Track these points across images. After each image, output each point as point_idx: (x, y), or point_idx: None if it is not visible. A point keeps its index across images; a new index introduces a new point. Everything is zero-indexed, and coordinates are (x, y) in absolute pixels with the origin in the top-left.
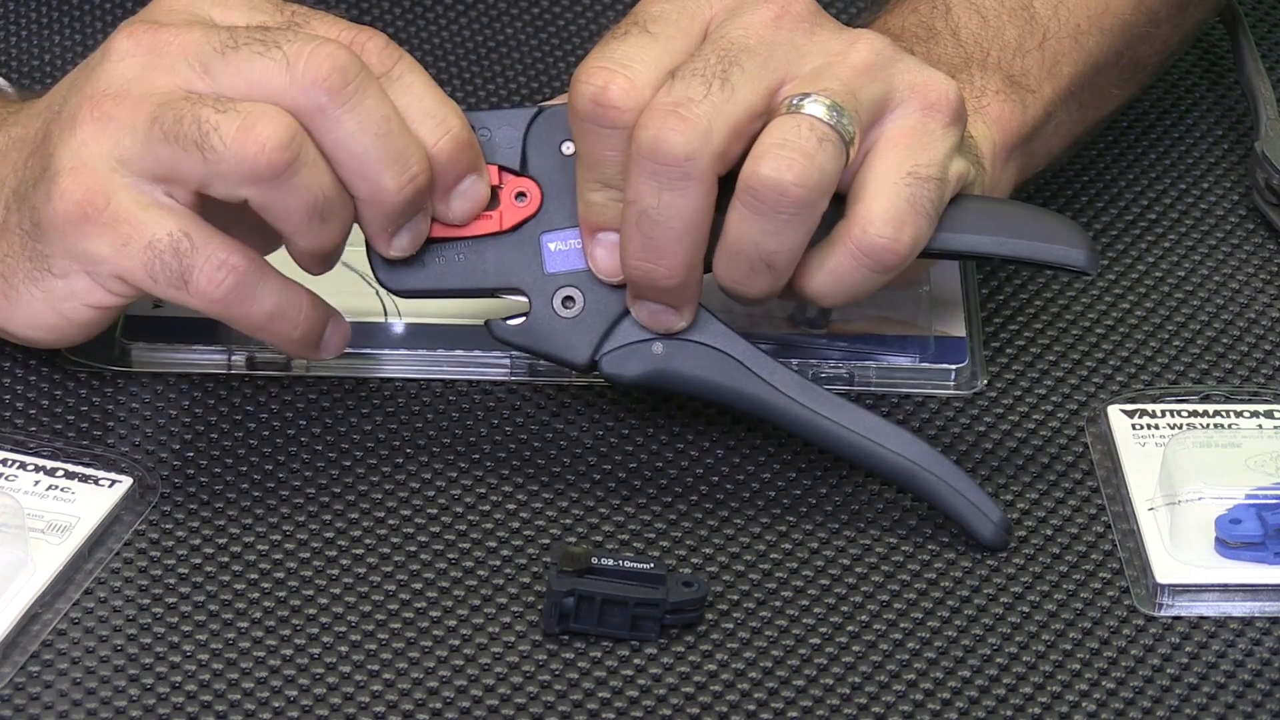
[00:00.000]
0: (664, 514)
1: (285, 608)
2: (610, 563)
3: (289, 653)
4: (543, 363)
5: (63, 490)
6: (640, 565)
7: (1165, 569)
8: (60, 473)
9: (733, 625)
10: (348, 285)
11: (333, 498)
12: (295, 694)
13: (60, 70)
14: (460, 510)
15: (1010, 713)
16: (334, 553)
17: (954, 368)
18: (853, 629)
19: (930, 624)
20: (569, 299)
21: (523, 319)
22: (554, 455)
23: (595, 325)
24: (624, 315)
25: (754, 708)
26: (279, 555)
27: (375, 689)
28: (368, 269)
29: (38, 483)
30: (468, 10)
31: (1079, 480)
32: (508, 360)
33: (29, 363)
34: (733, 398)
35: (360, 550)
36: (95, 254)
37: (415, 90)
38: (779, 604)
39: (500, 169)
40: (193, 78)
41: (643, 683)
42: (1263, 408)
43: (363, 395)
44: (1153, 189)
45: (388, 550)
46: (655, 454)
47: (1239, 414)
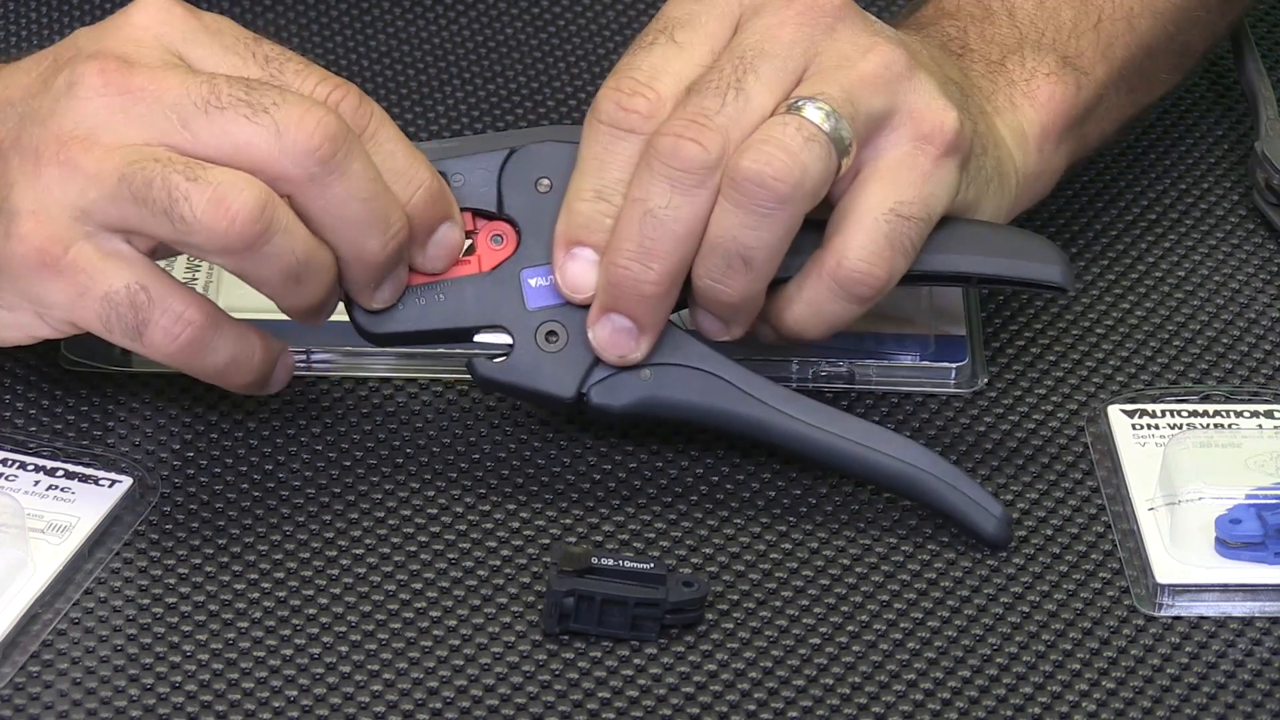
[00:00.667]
0: (664, 514)
1: (285, 608)
2: (610, 563)
3: (289, 653)
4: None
5: (63, 490)
6: (640, 565)
7: (1165, 569)
8: (60, 473)
9: (733, 625)
10: None
11: (333, 498)
12: (295, 694)
13: None
14: (460, 510)
15: (1010, 713)
16: (334, 553)
17: (954, 366)
18: (853, 629)
19: (930, 624)
20: (552, 334)
21: (505, 356)
22: (554, 455)
23: (581, 358)
24: None
25: (754, 708)
26: (279, 555)
27: (375, 689)
28: None
29: (38, 483)
30: (468, 10)
31: (1079, 480)
32: None
33: (29, 363)
34: (727, 420)
35: (360, 550)
36: (49, 301)
37: (387, 147)
38: (779, 604)
39: (474, 214)
40: (170, 130)
41: (643, 683)
42: (1263, 408)
43: (363, 395)
44: (1153, 189)
45: (388, 550)
46: (655, 454)
47: (1239, 414)
